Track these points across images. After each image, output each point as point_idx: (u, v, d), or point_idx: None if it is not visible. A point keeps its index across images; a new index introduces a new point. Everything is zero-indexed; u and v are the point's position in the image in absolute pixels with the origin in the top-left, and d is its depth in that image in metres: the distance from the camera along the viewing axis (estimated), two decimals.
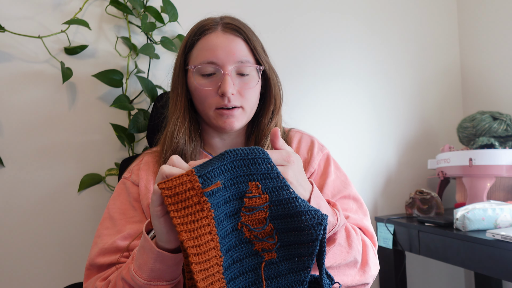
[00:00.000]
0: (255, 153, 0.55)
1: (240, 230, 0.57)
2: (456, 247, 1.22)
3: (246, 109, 0.83)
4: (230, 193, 0.55)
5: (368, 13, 1.69)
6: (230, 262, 0.56)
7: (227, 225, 0.55)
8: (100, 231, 0.80)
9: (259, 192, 0.55)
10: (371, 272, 0.75)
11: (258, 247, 0.58)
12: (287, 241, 0.58)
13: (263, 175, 0.55)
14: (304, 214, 0.55)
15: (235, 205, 0.56)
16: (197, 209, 0.51)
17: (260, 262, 0.58)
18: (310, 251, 0.57)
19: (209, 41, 0.80)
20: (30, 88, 1.15)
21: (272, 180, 0.55)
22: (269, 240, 0.57)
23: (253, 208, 0.56)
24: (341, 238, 0.71)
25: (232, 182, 0.54)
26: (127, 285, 0.64)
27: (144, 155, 0.91)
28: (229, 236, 0.56)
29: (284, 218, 0.57)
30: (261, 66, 0.83)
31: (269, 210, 0.56)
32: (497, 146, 1.47)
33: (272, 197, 0.56)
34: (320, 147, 0.91)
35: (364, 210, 0.86)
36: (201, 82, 0.81)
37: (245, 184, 0.55)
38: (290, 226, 0.57)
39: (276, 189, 0.56)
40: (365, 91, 1.67)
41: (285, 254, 0.58)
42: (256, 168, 0.55)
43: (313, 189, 0.65)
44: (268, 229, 0.57)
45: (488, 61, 1.76)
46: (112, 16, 1.24)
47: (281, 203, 0.56)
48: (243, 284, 0.57)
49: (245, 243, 0.57)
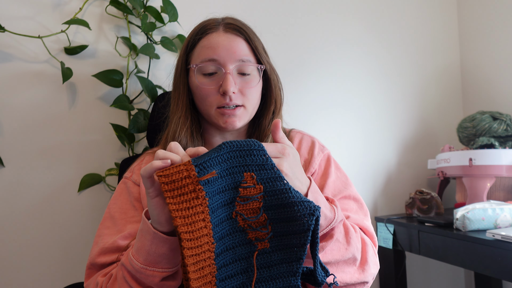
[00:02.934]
0: (251, 145, 0.56)
1: (235, 219, 0.58)
2: (456, 247, 1.22)
3: (247, 108, 0.83)
4: (226, 182, 0.56)
5: (368, 13, 1.69)
6: (223, 249, 0.58)
7: (221, 213, 0.57)
8: (100, 230, 0.81)
9: (254, 183, 0.57)
10: (370, 271, 0.75)
11: (252, 236, 0.59)
12: (280, 231, 0.59)
13: (258, 166, 0.57)
14: (297, 204, 0.57)
15: (230, 194, 0.57)
16: (192, 197, 0.53)
17: (253, 251, 0.59)
18: (302, 241, 0.58)
19: (211, 40, 0.81)
20: (30, 88, 1.15)
21: (266, 171, 0.57)
22: (262, 229, 0.59)
23: (248, 198, 0.57)
24: (339, 234, 0.71)
25: (228, 172, 0.56)
26: (126, 271, 0.65)
27: (145, 155, 0.92)
28: (223, 224, 0.57)
29: (278, 208, 0.58)
30: (262, 66, 0.84)
31: (263, 200, 0.58)
32: (497, 146, 1.47)
33: (266, 187, 0.57)
34: (321, 148, 0.91)
35: (364, 210, 0.86)
36: (202, 81, 0.81)
37: (240, 175, 0.57)
38: (283, 216, 0.58)
39: (270, 180, 0.57)
40: (365, 91, 1.67)
41: (278, 244, 0.59)
42: (251, 159, 0.56)
43: (311, 184, 0.65)
44: (261, 218, 0.58)
45: (488, 61, 1.76)
46: (112, 16, 1.24)
47: (275, 193, 0.57)
48: (235, 271, 0.59)
49: (238, 232, 0.59)
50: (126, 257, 0.66)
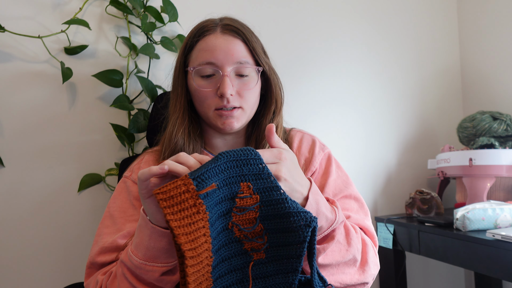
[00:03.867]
0: (247, 154, 0.55)
1: (231, 230, 0.57)
2: (456, 247, 1.22)
3: (245, 110, 0.83)
4: (223, 193, 0.55)
5: (368, 13, 1.69)
6: (219, 260, 0.57)
7: (218, 225, 0.56)
8: (100, 230, 0.81)
9: (250, 193, 0.56)
10: (370, 271, 0.75)
11: (247, 247, 0.58)
12: (276, 242, 0.58)
13: (254, 175, 0.56)
14: (293, 215, 0.55)
15: (227, 205, 0.56)
16: (193, 212, 0.51)
17: (249, 262, 0.58)
18: (298, 253, 0.57)
19: (208, 42, 0.81)
20: (30, 88, 1.15)
21: (263, 180, 0.56)
22: (258, 240, 0.58)
23: (244, 208, 0.56)
24: (340, 235, 0.70)
25: (225, 182, 0.55)
26: (125, 268, 0.65)
27: (145, 154, 0.92)
28: (220, 236, 0.56)
29: (274, 218, 0.57)
30: (260, 67, 0.84)
31: (260, 211, 0.57)
32: (497, 146, 1.47)
33: (262, 197, 0.56)
34: (322, 147, 0.91)
35: (365, 210, 0.85)
36: (200, 83, 0.81)
37: (237, 185, 0.55)
38: (279, 227, 0.57)
39: (266, 190, 0.56)
40: (365, 91, 1.67)
41: (273, 255, 0.58)
42: (248, 169, 0.55)
43: (311, 186, 0.65)
44: (258, 229, 0.57)
45: (488, 61, 1.76)
46: (112, 16, 1.24)
47: (271, 203, 0.56)
48: (230, 282, 0.58)
49: (234, 242, 0.58)
50: (125, 254, 0.66)
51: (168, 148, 0.83)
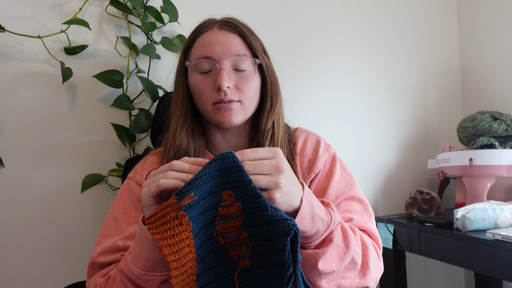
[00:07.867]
0: (226, 162, 0.54)
1: (215, 238, 0.57)
2: (456, 247, 1.22)
3: (244, 103, 0.82)
4: (207, 203, 0.55)
5: (369, 13, 1.69)
6: (205, 268, 0.57)
7: (203, 235, 0.56)
8: (103, 230, 0.81)
9: (232, 201, 0.55)
10: (372, 275, 0.72)
11: (233, 254, 0.58)
12: (260, 249, 0.57)
13: (234, 183, 0.55)
14: (272, 223, 0.54)
15: (211, 214, 0.56)
16: (175, 224, 0.53)
17: (235, 269, 0.58)
18: (280, 261, 0.56)
19: (205, 38, 0.82)
20: (30, 88, 1.15)
21: (243, 188, 0.55)
22: (243, 247, 0.57)
23: (227, 216, 0.56)
24: (337, 238, 0.67)
25: (208, 193, 0.55)
26: (124, 277, 0.65)
27: (149, 155, 0.92)
28: (205, 245, 0.57)
29: (256, 226, 0.56)
30: (257, 59, 0.83)
31: (243, 218, 0.56)
32: (497, 146, 1.47)
33: (244, 205, 0.55)
34: (326, 147, 0.90)
35: (369, 212, 0.83)
36: (198, 78, 0.82)
37: (219, 194, 0.55)
38: (261, 235, 0.56)
39: (247, 197, 0.55)
40: (365, 90, 1.67)
41: (259, 262, 0.58)
42: (228, 177, 0.55)
43: (304, 189, 0.62)
44: (242, 236, 0.57)
45: (488, 61, 1.76)
46: (112, 16, 1.24)
47: (253, 211, 0.55)
48: None
49: (220, 250, 0.58)
50: (125, 263, 0.65)
51: (173, 147, 0.82)
